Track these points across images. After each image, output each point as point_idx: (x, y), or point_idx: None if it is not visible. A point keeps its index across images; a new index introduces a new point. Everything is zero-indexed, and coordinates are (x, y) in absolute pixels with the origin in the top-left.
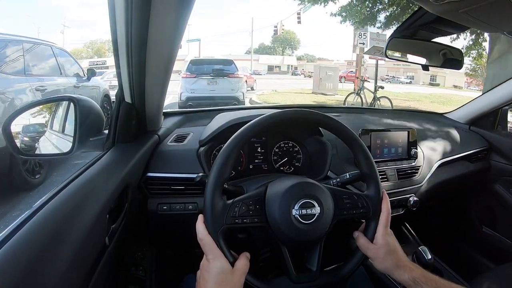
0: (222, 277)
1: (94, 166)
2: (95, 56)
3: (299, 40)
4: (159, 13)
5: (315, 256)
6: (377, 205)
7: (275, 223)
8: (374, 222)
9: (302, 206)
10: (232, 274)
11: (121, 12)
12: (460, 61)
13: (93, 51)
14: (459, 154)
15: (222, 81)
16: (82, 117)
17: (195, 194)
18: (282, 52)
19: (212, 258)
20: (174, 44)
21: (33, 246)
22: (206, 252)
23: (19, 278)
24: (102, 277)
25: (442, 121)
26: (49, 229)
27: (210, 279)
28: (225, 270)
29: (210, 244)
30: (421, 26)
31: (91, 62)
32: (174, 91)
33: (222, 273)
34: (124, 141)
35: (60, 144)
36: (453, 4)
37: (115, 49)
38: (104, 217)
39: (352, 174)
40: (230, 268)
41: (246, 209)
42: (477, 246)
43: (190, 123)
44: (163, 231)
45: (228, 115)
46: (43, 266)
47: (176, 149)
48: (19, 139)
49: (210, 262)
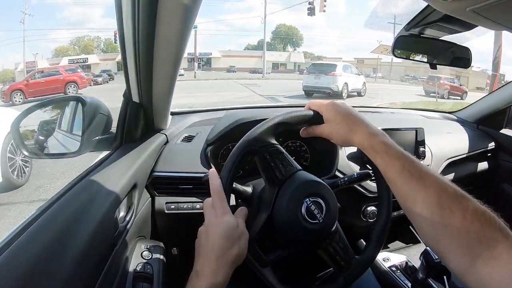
0: (231, 232)
1: (102, 165)
2: (82, 54)
3: (301, 36)
4: (167, 11)
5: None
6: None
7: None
8: None
9: (309, 204)
10: (238, 230)
11: (128, 10)
12: (469, 59)
13: (80, 49)
14: (467, 153)
15: (323, 77)
16: (90, 117)
17: (203, 194)
18: (284, 49)
19: (222, 213)
20: (182, 42)
21: (41, 244)
22: (216, 206)
23: (27, 275)
24: (110, 275)
25: (450, 120)
26: (57, 227)
27: (218, 233)
28: (233, 225)
29: (222, 198)
30: (429, 24)
31: (71, 60)
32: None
33: (232, 228)
34: (132, 140)
35: (68, 143)
36: (461, 2)
37: (122, 48)
38: (112, 215)
39: (359, 174)
40: (236, 224)
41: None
42: None
43: (197, 122)
44: (170, 230)
45: (236, 115)
46: (51, 264)
47: (183, 149)
48: (34, 138)
49: (219, 216)
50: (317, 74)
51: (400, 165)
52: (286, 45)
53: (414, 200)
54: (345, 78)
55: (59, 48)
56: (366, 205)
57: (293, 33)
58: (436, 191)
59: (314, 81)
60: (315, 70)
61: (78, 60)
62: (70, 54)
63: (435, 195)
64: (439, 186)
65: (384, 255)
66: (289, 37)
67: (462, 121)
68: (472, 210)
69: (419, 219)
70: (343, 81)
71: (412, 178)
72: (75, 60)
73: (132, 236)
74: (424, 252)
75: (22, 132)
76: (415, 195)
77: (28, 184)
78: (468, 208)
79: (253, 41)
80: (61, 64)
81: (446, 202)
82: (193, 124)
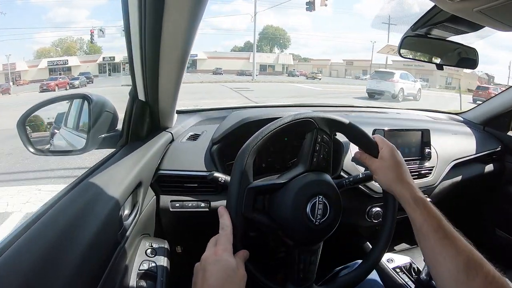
0: (228, 273)
1: (108, 163)
2: (65, 55)
3: (289, 37)
4: (173, 9)
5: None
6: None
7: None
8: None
9: (314, 204)
10: (236, 272)
11: (134, 9)
12: (475, 60)
13: (62, 50)
14: (473, 155)
15: (383, 82)
16: (96, 114)
17: (208, 192)
18: (270, 51)
19: (222, 250)
20: (188, 41)
21: (46, 241)
22: (219, 243)
23: (32, 272)
24: (114, 273)
25: (456, 121)
26: (62, 224)
27: (214, 273)
28: (231, 266)
29: (228, 237)
30: (435, 25)
31: (50, 61)
32: None
33: (229, 269)
34: (138, 138)
35: (74, 141)
36: (468, 3)
37: (128, 46)
38: (116, 213)
39: (365, 174)
40: (235, 265)
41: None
42: (490, 249)
43: (203, 121)
44: (175, 228)
45: (241, 114)
46: (56, 260)
47: (189, 147)
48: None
49: (218, 254)
50: (378, 79)
51: (436, 223)
52: (273, 47)
53: (444, 257)
54: (401, 84)
55: (41, 49)
56: (371, 205)
57: (280, 35)
58: (466, 253)
59: (376, 85)
60: (376, 76)
61: (58, 62)
62: (52, 56)
63: (464, 256)
64: (468, 248)
65: (389, 256)
66: (276, 39)
67: (468, 123)
68: (491, 275)
69: (445, 275)
70: (399, 87)
71: (446, 237)
72: (55, 62)
73: (136, 234)
74: None
75: (28, 128)
76: (447, 253)
77: None
78: (489, 273)
79: (239, 43)
80: (39, 66)
81: (473, 264)
82: (198, 123)
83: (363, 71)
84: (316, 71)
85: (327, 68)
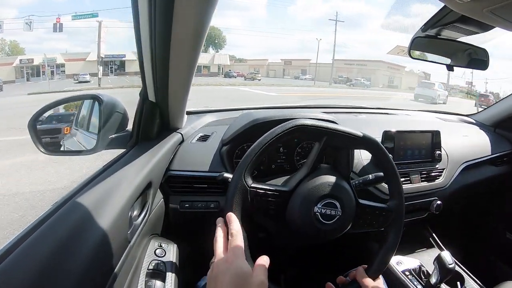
0: (239, 282)
1: (118, 163)
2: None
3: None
4: (183, 11)
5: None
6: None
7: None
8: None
9: (324, 205)
10: (249, 279)
11: (145, 10)
12: (486, 61)
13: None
14: (484, 157)
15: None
16: (106, 115)
17: (217, 193)
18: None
19: (234, 257)
20: (198, 42)
21: (56, 239)
22: (230, 249)
23: (42, 269)
24: (123, 271)
25: (467, 122)
26: (72, 223)
27: (225, 283)
28: (245, 273)
29: (238, 242)
30: (445, 25)
31: (22, 59)
32: None
33: (242, 277)
34: (148, 139)
35: (84, 141)
36: (478, 3)
37: (138, 47)
38: (126, 213)
39: (375, 176)
40: (248, 271)
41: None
42: (501, 253)
43: (213, 122)
44: (184, 228)
45: (251, 115)
46: (66, 258)
47: (199, 148)
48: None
49: (229, 262)
50: (423, 88)
51: None
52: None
53: None
54: (438, 92)
55: None
56: None
57: (216, 34)
58: None
59: (422, 91)
60: (422, 85)
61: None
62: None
63: None
64: None
65: (398, 259)
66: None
67: (479, 124)
68: None
69: None
70: (437, 94)
71: None
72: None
73: (145, 234)
74: (438, 257)
75: (38, 129)
76: None
77: None
78: None
79: None
80: None
81: None
82: (208, 124)
83: (302, 70)
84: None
85: (264, 68)
